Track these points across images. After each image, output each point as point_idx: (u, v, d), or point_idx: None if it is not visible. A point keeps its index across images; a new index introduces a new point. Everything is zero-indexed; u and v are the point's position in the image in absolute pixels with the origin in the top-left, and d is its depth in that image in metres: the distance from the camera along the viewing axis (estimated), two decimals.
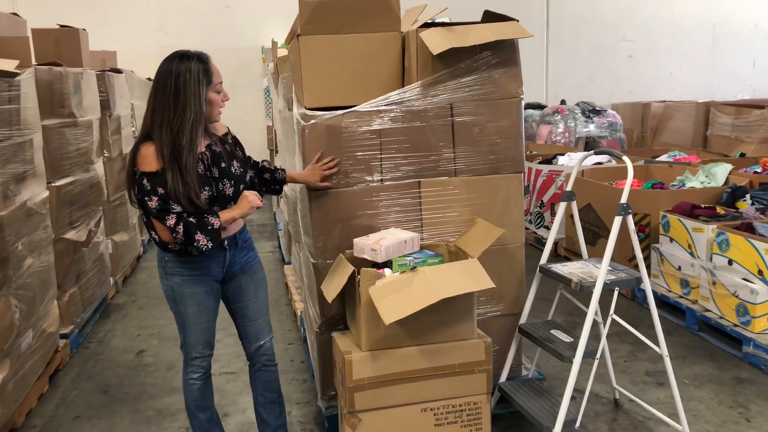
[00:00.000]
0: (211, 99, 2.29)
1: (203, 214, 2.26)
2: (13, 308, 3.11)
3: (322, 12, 2.73)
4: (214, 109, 2.33)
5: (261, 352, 2.60)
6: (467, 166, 2.91)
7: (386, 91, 2.80)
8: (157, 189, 2.21)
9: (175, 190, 2.20)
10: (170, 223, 2.22)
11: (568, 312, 4.20)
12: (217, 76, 2.31)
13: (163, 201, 2.22)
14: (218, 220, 2.28)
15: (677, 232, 4.19)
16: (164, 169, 2.21)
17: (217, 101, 2.33)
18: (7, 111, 3.21)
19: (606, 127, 8.01)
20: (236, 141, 2.53)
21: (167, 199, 2.21)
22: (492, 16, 2.86)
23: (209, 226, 2.25)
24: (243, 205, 2.35)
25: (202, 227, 2.24)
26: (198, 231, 2.24)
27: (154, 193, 2.22)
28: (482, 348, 2.55)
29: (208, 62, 2.29)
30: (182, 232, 2.22)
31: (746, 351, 3.54)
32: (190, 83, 2.21)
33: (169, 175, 2.20)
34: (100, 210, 4.97)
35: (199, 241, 2.24)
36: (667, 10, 10.61)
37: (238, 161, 2.44)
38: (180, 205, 2.23)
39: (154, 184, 2.21)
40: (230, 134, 2.51)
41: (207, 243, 2.26)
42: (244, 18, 9.25)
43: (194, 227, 2.23)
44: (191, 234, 2.23)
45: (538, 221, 6.27)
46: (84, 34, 5.03)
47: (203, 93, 2.24)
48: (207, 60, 2.29)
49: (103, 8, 8.77)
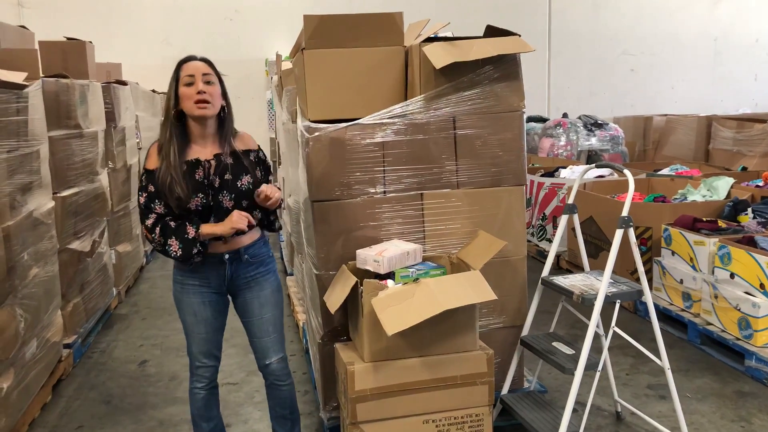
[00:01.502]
0: (181, 93, 2.33)
1: (185, 222, 2.31)
2: (18, 318, 3.13)
3: (326, 26, 2.77)
4: (187, 102, 2.32)
5: (269, 371, 2.58)
6: (469, 179, 2.93)
7: (389, 104, 2.83)
8: (149, 186, 2.33)
9: (164, 183, 2.28)
10: (148, 223, 2.32)
11: (570, 324, 4.20)
12: (185, 70, 2.33)
13: (149, 199, 2.32)
14: (195, 231, 2.29)
15: (679, 245, 4.20)
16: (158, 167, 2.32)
17: (188, 94, 2.31)
18: (15, 122, 3.24)
19: (608, 140, 8.03)
20: (261, 161, 2.49)
21: (153, 198, 2.31)
22: (494, 31, 2.89)
23: (185, 234, 2.29)
24: (225, 224, 2.33)
25: (179, 234, 2.29)
26: (173, 236, 2.29)
27: (145, 189, 2.34)
28: (484, 360, 2.56)
29: (186, 61, 2.36)
30: (159, 234, 2.29)
31: (748, 365, 3.54)
32: (170, 82, 2.36)
33: (160, 169, 2.30)
34: (104, 221, 5.00)
35: (170, 246, 2.29)
36: (669, 24, 10.66)
37: (252, 178, 2.40)
38: (169, 205, 2.30)
39: (148, 180, 2.34)
40: (259, 152, 2.49)
41: (177, 250, 2.29)
42: (247, 31, 9.33)
43: (170, 232, 2.29)
44: (165, 238, 2.29)
45: (541, 234, 6.28)
46: (90, 46, 5.08)
47: (173, 87, 2.34)
48: (187, 60, 2.37)
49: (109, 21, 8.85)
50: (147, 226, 2.32)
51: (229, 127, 2.44)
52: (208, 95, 2.32)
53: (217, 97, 2.36)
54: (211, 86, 2.34)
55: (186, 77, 2.33)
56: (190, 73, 2.33)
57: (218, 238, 2.37)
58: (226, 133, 2.42)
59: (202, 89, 2.31)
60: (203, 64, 2.36)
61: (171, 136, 2.34)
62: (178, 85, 2.34)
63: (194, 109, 2.32)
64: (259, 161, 2.48)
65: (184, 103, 2.33)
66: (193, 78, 2.33)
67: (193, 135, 2.38)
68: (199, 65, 2.35)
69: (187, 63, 2.36)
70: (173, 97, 2.34)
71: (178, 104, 2.34)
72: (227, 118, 2.43)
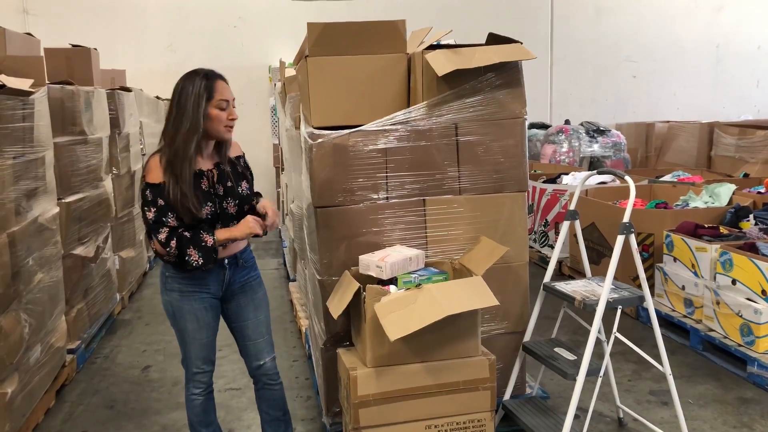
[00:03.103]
0: (212, 114, 2.31)
1: (200, 230, 2.30)
2: (23, 323, 3.15)
3: (329, 34, 2.79)
4: (217, 125, 2.34)
5: (262, 372, 2.61)
6: (472, 185, 2.95)
7: (392, 111, 2.85)
8: (157, 200, 2.28)
9: (175, 199, 2.26)
10: (161, 237, 2.28)
11: (572, 330, 4.20)
12: (220, 93, 2.33)
13: (160, 213, 2.28)
14: (212, 238, 2.31)
15: (681, 251, 4.20)
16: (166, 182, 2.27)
17: (220, 117, 2.33)
18: (21, 129, 3.27)
19: (610, 146, 8.04)
20: (248, 166, 2.58)
21: (165, 211, 2.28)
22: (496, 39, 2.91)
23: (203, 242, 2.29)
24: (242, 228, 2.37)
25: (196, 243, 2.29)
26: (191, 246, 2.28)
27: (154, 204, 2.29)
28: (486, 365, 2.57)
29: (213, 79, 2.33)
30: (175, 247, 2.27)
31: (750, 371, 3.54)
32: (191, 97, 2.29)
33: (169, 185, 2.26)
34: (108, 226, 5.02)
35: (190, 256, 2.29)
36: (671, 31, 10.68)
37: (247, 182, 2.50)
38: (180, 218, 2.29)
39: (155, 195, 2.29)
40: (243, 158, 2.56)
41: (198, 259, 2.29)
42: (251, 38, 9.36)
43: (187, 242, 2.28)
44: (183, 249, 2.28)
45: (543, 240, 6.29)
46: (95, 53, 5.12)
47: (202, 106, 2.29)
48: (213, 77, 2.34)
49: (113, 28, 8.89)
50: (161, 240, 2.28)
51: (229, 138, 2.47)
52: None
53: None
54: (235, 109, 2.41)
55: (222, 101, 2.33)
56: (225, 98, 2.34)
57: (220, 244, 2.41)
58: (227, 144, 2.46)
59: (236, 116, 2.37)
60: (229, 87, 2.39)
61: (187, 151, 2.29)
62: (209, 105, 2.31)
63: (224, 132, 2.37)
64: (246, 166, 2.57)
65: (213, 125, 2.33)
66: (227, 103, 2.35)
67: (202, 150, 2.40)
68: (228, 88, 2.37)
69: (217, 82, 2.34)
70: (203, 114, 2.30)
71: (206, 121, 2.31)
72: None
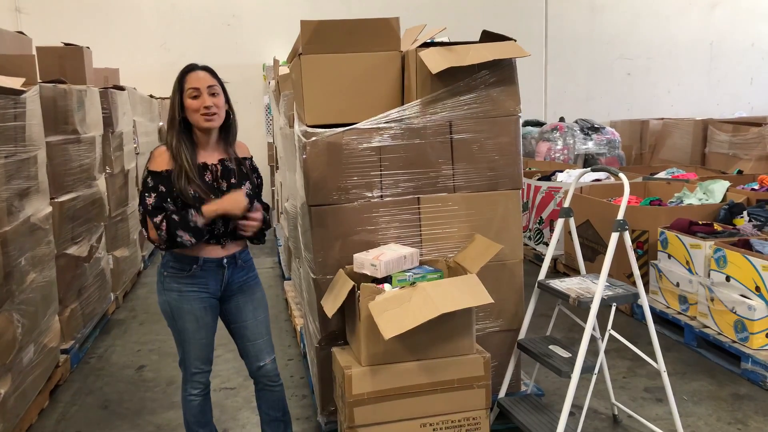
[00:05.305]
0: (187, 105, 2.34)
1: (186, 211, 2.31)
2: (16, 323, 3.13)
3: (323, 32, 2.78)
4: (192, 114, 2.36)
5: (262, 373, 2.60)
6: (466, 183, 2.95)
7: (386, 108, 2.84)
8: (159, 187, 2.32)
9: (182, 188, 2.30)
10: (157, 220, 2.30)
11: (567, 328, 4.21)
12: (190, 83, 2.34)
13: (161, 199, 2.32)
14: (201, 217, 2.31)
15: (675, 248, 4.21)
16: (170, 171, 2.32)
17: (193, 106, 2.34)
18: (12, 128, 3.25)
19: (604, 144, 8.06)
20: (255, 169, 2.57)
21: (165, 197, 2.32)
22: (490, 36, 2.91)
23: (191, 222, 2.30)
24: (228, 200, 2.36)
25: (185, 224, 2.30)
26: (179, 228, 2.29)
27: (155, 190, 2.33)
28: (481, 363, 2.57)
29: (188, 71, 2.36)
30: (165, 229, 2.29)
31: (745, 367, 3.55)
32: (173, 92, 2.37)
33: (174, 175, 2.32)
34: (102, 226, 5.00)
35: (182, 237, 2.29)
36: (665, 28, 10.70)
37: (251, 184, 2.50)
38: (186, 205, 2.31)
39: (156, 182, 2.33)
40: (250, 160, 2.56)
41: (190, 239, 2.31)
42: (245, 36, 9.34)
43: (175, 224, 2.29)
44: (172, 231, 2.29)
45: (537, 237, 6.30)
46: (87, 51, 5.09)
47: (176, 99, 2.36)
48: (189, 69, 2.37)
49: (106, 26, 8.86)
50: (155, 222, 2.29)
51: (234, 133, 2.49)
52: (214, 107, 2.35)
53: (222, 106, 2.39)
54: (216, 98, 2.37)
55: (191, 90, 2.34)
56: (194, 86, 2.34)
57: (218, 243, 2.43)
58: (231, 139, 2.48)
59: (208, 104, 2.34)
60: (207, 75, 2.37)
61: (180, 142, 2.35)
62: (183, 96, 2.34)
63: (201, 121, 2.36)
64: (254, 169, 2.56)
65: (191, 115, 2.35)
66: (198, 91, 2.34)
67: (199, 141, 2.42)
68: (203, 76, 2.35)
69: (190, 74, 2.35)
70: (178, 106, 2.35)
71: (184, 113, 2.35)
72: (232, 124, 2.48)
